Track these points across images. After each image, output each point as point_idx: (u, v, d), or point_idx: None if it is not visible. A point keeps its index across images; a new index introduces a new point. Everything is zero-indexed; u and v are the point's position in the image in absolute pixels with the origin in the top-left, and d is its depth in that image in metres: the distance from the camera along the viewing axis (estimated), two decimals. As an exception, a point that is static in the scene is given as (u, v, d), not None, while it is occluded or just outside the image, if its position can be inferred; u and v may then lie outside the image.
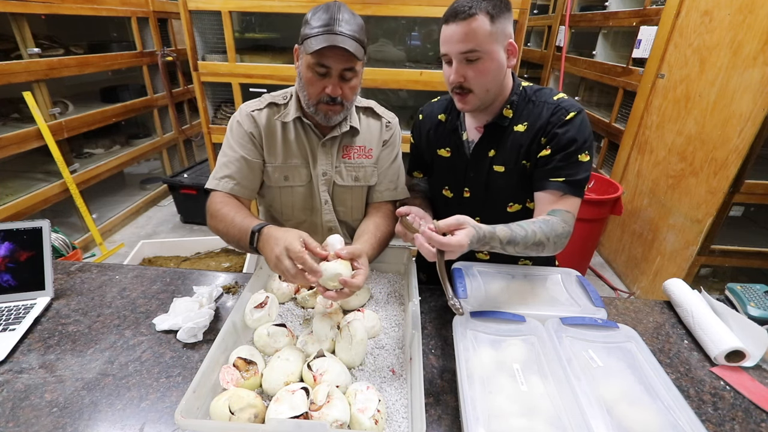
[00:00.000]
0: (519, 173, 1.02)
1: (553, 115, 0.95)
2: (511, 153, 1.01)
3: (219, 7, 2.20)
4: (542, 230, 0.89)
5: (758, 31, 1.73)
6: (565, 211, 0.94)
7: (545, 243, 0.89)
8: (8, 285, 0.99)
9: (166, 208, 3.44)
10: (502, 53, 0.92)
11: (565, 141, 0.93)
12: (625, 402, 0.69)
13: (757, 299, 1.02)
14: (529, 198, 1.05)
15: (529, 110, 1.00)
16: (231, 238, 0.99)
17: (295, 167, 1.11)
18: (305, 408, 0.66)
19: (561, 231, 0.91)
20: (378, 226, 1.09)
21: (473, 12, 0.86)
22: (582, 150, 0.94)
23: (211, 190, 1.07)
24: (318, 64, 0.95)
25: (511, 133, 1.01)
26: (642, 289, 2.43)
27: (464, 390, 0.68)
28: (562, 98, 0.98)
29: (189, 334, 0.89)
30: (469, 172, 1.08)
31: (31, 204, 2.35)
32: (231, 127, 1.09)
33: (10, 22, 2.21)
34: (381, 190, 1.17)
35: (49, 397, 0.75)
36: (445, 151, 1.12)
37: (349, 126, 1.10)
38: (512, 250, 0.87)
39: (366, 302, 1.02)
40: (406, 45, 2.74)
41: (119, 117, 3.02)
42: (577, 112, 0.94)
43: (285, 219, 1.18)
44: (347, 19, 0.94)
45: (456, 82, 0.94)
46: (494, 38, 0.89)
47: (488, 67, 0.91)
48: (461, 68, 0.92)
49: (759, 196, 1.88)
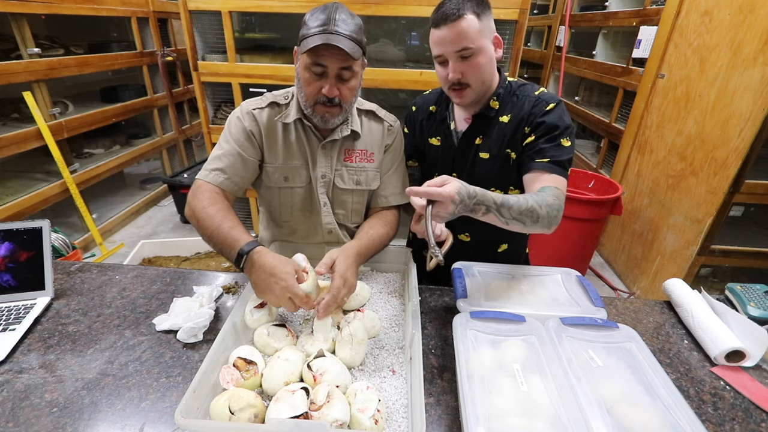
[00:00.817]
0: (502, 160, 1.09)
1: (535, 106, 1.03)
2: (496, 141, 1.08)
3: (219, 7, 2.20)
4: (534, 199, 0.90)
5: (758, 31, 1.73)
6: (554, 188, 0.97)
7: (538, 211, 0.89)
8: (8, 285, 0.99)
9: (166, 208, 3.44)
10: (490, 46, 1.00)
11: (548, 127, 1.00)
12: (625, 402, 0.69)
13: (757, 299, 1.02)
14: (512, 185, 1.12)
15: (513, 103, 1.07)
16: (214, 243, 0.94)
17: (295, 168, 1.11)
18: (305, 408, 0.66)
19: (552, 201, 0.93)
20: (372, 225, 1.09)
21: (462, 13, 0.93)
22: (563, 135, 1.01)
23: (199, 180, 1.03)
24: (314, 64, 0.94)
25: (496, 123, 1.08)
26: (642, 289, 2.43)
27: (464, 390, 0.68)
28: (542, 92, 1.06)
29: (189, 334, 0.89)
30: (457, 159, 1.15)
31: (31, 204, 2.35)
32: (230, 122, 1.08)
33: (10, 22, 2.21)
34: (387, 194, 1.16)
35: (49, 397, 0.75)
36: (436, 140, 1.18)
37: (350, 130, 1.10)
38: (506, 213, 0.86)
39: (366, 302, 1.02)
40: (406, 45, 2.74)
41: (119, 117, 3.02)
42: (556, 103, 1.02)
43: (284, 220, 1.18)
44: (344, 19, 0.93)
45: (455, 78, 1.00)
46: (483, 34, 0.96)
47: (481, 61, 0.98)
48: (458, 66, 0.98)
49: (759, 196, 1.88)
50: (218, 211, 0.96)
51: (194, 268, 2.05)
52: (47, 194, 2.45)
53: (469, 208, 0.83)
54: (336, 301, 0.85)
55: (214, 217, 0.94)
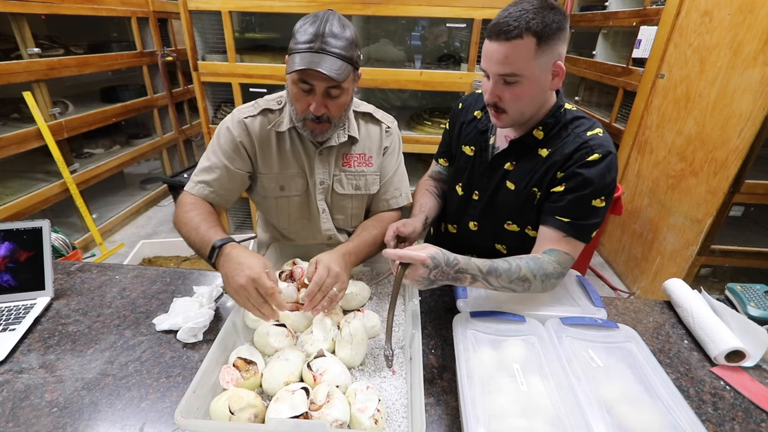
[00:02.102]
0: (526, 197, 0.97)
1: (578, 151, 0.88)
2: (526, 174, 0.96)
3: (219, 7, 2.20)
4: (528, 266, 0.84)
5: (758, 31, 1.73)
6: (563, 253, 0.88)
7: (531, 280, 0.84)
8: (8, 285, 0.99)
9: (166, 208, 3.44)
10: (545, 76, 0.84)
11: (581, 182, 0.87)
12: (625, 402, 0.69)
13: (757, 299, 1.02)
14: (530, 225, 1.02)
15: (559, 137, 0.92)
16: (192, 244, 0.95)
17: (291, 177, 1.09)
18: (305, 408, 0.66)
19: (551, 270, 0.86)
20: (366, 227, 1.07)
21: (518, 33, 0.78)
22: (598, 195, 0.87)
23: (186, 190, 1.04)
24: (301, 81, 0.91)
25: (534, 155, 0.95)
26: (642, 289, 2.43)
27: (464, 390, 0.68)
28: (595, 135, 0.89)
29: (189, 334, 0.89)
30: (483, 179, 1.05)
31: (31, 204, 2.35)
32: (219, 132, 1.05)
33: (10, 22, 2.21)
34: (387, 198, 1.15)
35: (49, 397, 0.75)
36: (469, 149, 1.08)
37: (347, 136, 1.08)
38: (495, 282, 0.82)
39: (366, 302, 1.02)
40: (406, 45, 2.73)
41: (119, 117, 3.02)
42: (603, 155, 0.86)
43: (282, 227, 1.17)
44: (336, 34, 0.88)
45: (491, 102, 0.89)
46: (538, 62, 0.81)
47: (526, 92, 0.85)
48: (497, 88, 0.86)
49: (759, 196, 1.88)
50: (198, 214, 0.96)
51: (194, 268, 2.04)
52: (47, 194, 2.45)
53: (451, 276, 0.80)
54: (321, 289, 0.83)
55: (193, 219, 0.95)
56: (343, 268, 0.89)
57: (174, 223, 1.01)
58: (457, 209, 1.14)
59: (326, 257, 0.89)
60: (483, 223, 1.08)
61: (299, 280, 1.01)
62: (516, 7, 0.80)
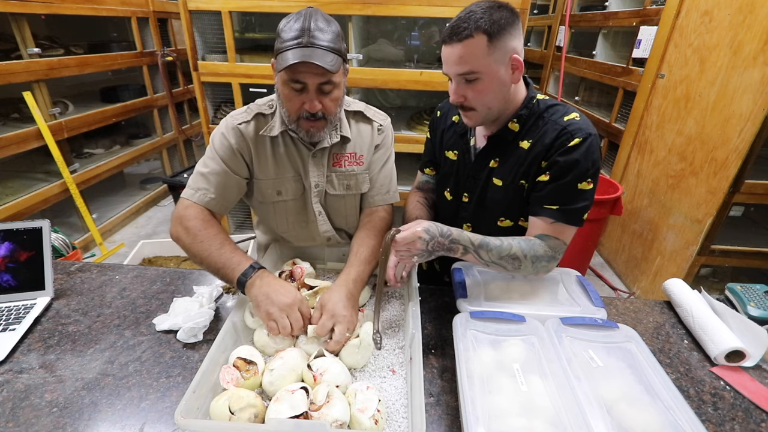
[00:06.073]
0: (515, 190, 0.98)
1: (558, 138, 0.89)
2: (512, 168, 0.97)
3: (219, 7, 2.20)
4: (519, 246, 0.86)
5: (758, 31, 1.73)
6: (553, 238, 0.91)
7: (521, 259, 0.86)
8: (8, 285, 0.99)
9: (166, 208, 3.44)
10: (503, 70, 0.86)
11: (565, 168, 0.88)
12: (625, 402, 0.69)
13: (757, 299, 1.02)
14: (522, 217, 1.03)
15: (537, 127, 0.94)
16: (209, 266, 0.93)
17: (288, 180, 1.08)
18: (305, 408, 0.66)
19: (542, 253, 0.88)
20: (362, 243, 1.04)
21: (469, 33, 0.82)
22: (583, 177, 0.88)
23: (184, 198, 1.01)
24: (293, 80, 0.89)
25: (515, 148, 0.96)
26: (642, 289, 2.43)
27: (464, 390, 0.68)
28: (572, 120, 0.90)
29: (189, 334, 0.89)
30: (469, 180, 1.06)
31: (31, 204, 2.35)
32: (214, 138, 1.04)
33: (10, 22, 2.21)
34: (373, 194, 1.14)
35: (49, 397, 0.75)
36: (453, 154, 1.09)
37: (340, 136, 1.07)
38: (485, 256, 0.85)
39: (366, 302, 1.02)
40: (406, 45, 2.73)
41: (119, 117, 3.02)
42: (583, 138, 0.87)
43: (281, 231, 1.17)
44: (321, 28, 0.87)
45: (456, 102, 0.92)
46: (493, 58, 0.84)
47: (488, 87, 0.88)
48: (460, 88, 0.89)
49: (759, 196, 1.88)
50: (212, 233, 0.95)
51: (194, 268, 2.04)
52: (47, 194, 2.45)
53: (446, 247, 0.84)
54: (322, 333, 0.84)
55: (211, 240, 0.94)
56: (350, 309, 0.88)
57: (174, 234, 0.98)
58: (449, 215, 1.14)
59: (331, 302, 0.87)
60: (476, 224, 1.08)
61: (299, 280, 1.01)
62: (465, 12, 0.85)
